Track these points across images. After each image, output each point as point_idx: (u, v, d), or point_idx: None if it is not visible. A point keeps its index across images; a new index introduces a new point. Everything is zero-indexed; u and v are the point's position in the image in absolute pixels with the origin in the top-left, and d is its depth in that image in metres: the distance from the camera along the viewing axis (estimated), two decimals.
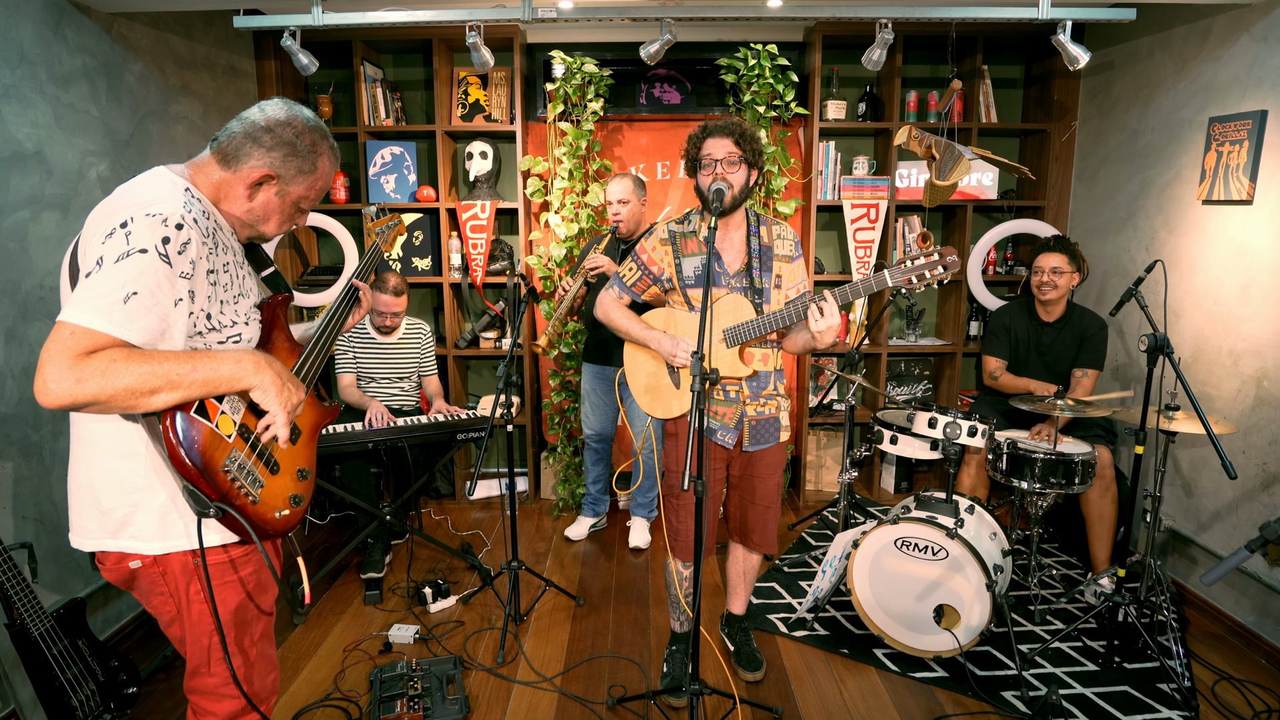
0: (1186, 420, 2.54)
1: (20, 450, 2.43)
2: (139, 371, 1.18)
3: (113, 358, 1.17)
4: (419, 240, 4.06)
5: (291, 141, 1.43)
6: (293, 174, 1.45)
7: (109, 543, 1.38)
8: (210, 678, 1.49)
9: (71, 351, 1.15)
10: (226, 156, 1.40)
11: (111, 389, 1.16)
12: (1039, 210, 4.06)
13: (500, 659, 2.69)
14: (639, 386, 2.47)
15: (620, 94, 4.03)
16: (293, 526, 1.47)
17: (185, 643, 1.47)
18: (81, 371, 1.14)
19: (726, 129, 2.24)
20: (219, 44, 3.53)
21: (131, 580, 1.44)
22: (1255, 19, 2.83)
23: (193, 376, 1.24)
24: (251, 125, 1.41)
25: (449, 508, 4.15)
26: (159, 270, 1.23)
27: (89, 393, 1.15)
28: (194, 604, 1.43)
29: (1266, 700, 2.48)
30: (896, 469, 4.26)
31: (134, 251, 1.21)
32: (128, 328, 1.19)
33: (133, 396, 1.19)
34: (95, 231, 1.26)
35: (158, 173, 1.38)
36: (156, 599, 1.45)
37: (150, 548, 1.38)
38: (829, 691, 2.52)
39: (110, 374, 1.16)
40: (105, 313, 1.17)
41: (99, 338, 1.17)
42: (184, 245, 1.26)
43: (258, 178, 1.42)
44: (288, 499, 1.45)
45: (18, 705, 2.10)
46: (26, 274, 2.45)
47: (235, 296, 1.42)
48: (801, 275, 2.37)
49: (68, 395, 1.14)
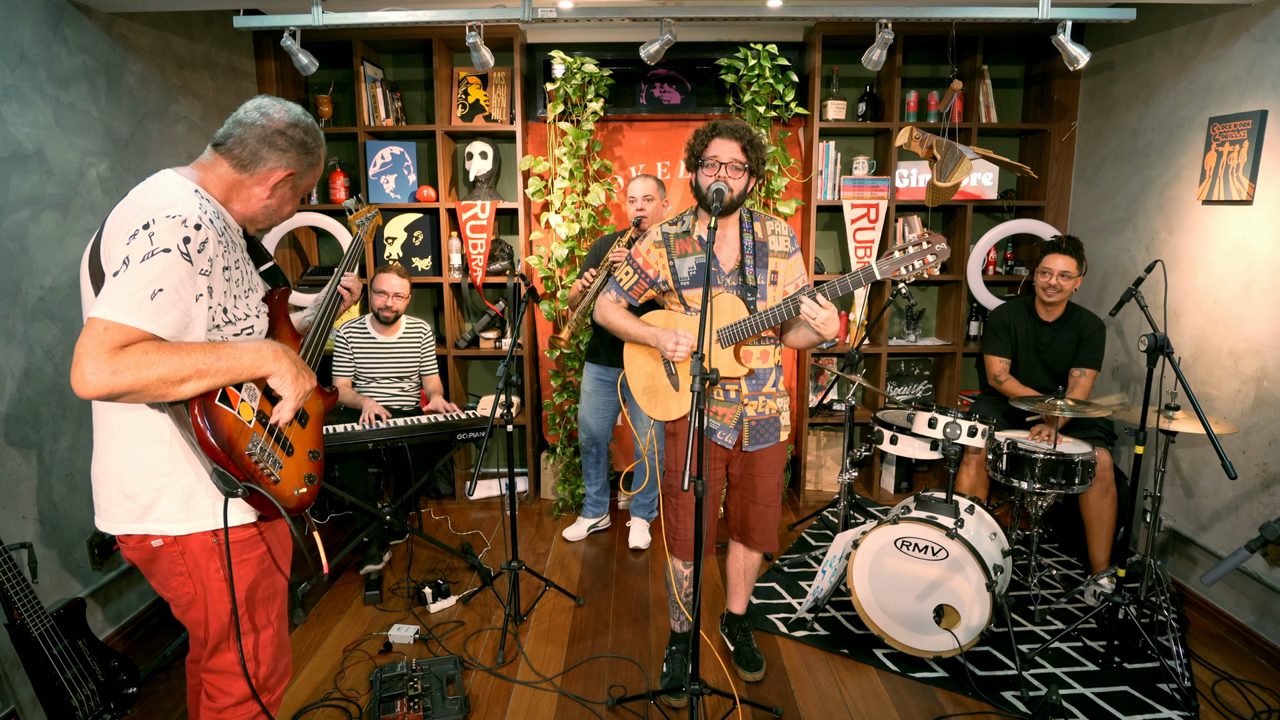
0: (1186, 420, 2.54)
1: (20, 450, 2.43)
2: (170, 362, 1.27)
3: (145, 350, 1.26)
4: (419, 240, 4.06)
5: (303, 141, 1.54)
6: (304, 168, 1.57)
7: (135, 526, 1.46)
8: (231, 653, 1.57)
9: (106, 345, 1.23)
10: (243, 162, 1.49)
11: (146, 379, 1.25)
12: (1039, 210, 4.06)
13: (500, 659, 2.69)
14: (638, 388, 2.47)
15: (620, 94, 4.03)
16: (309, 503, 1.59)
17: (204, 623, 1.54)
18: (117, 364, 1.23)
19: (736, 133, 2.21)
20: (219, 44, 3.53)
21: (152, 560, 1.51)
22: (1255, 19, 2.83)
23: (218, 365, 1.34)
24: (263, 130, 1.50)
25: (449, 508, 4.15)
26: (181, 268, 1.31)
27: (125, 383, 1.24)
28: (214, 582, 1.51)
29: (1266, 700, 2.48)
30: (896, 469, 4.26)
31: (158, 251, 1.30)
32: (156, 322, 1.28)
33: (164, 385, 1.28)
34: (118, 233, 1.34)
35: (168, 175, 1.46)
36: (175, 580, 1.51)
37: (175, 529, 1.46)
38: (829, 691, 2.52)
39: (144, 365, 1.25)
40: (135, 309, 1.26)
41: (130, 332, 1.25)
42: (203, 244, 1.35)
43: (280, 178, 1.53)
44: (303, 478, 1.57)
45: (18, 705, 2.10)
46: (26, 274, 2.45)
47: (246, 291, 1.51)
48: (799, 270, 2.35)
49: (105, 386, 1.23)
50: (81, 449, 2.65)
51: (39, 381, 2.49)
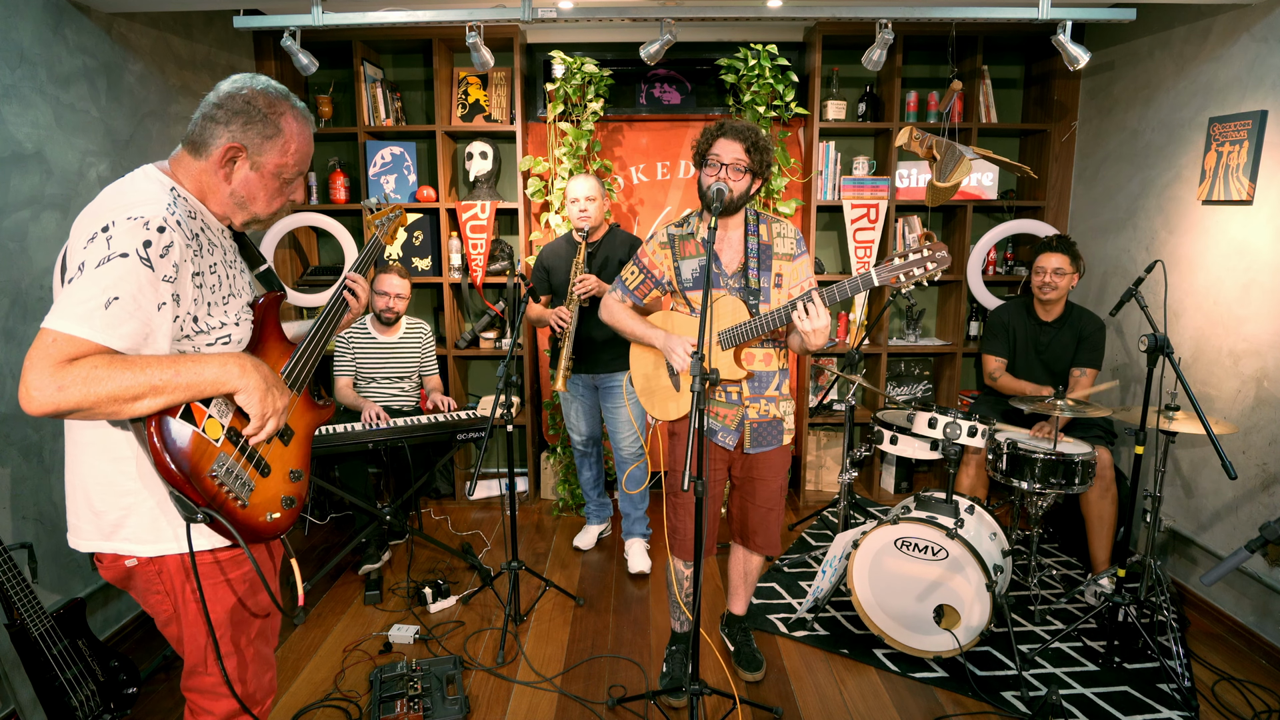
0: (1186, 420, 2.54)
1: (20, 450, 2.43)
2: (121, 378, 1.17)
3: (94, 364, 1.15)
4: (419, 240, 4.06)
5: (243, 110, 1.37)
6: (258, 141, 1.39)
7: (104, 544, 1.38)
8: (207, 677, 1.49)
9: (53, 359, 1.14)
10: (195, 146, 1.38)
11: (94, 396, 1.15)
12: (1039, 210, 4.06)
13: (500, 659, 2.69)
14: (640, 388, 2.48)
15: (620, 94, 4.02)
16: (284, 529, 1.45)
17: (182, 642, 1.47)
18: (63, 379, 1.13)
19: (741, 134, 2.20)
20: (219, 44, 3.53)
21: (128, 579, 1.44)
22: (1255, 19, 2.83)
23: (176, 381, 1.22)
24: (206, 105, 1.38)
25: (449, 508, 4.15)
26: (140, 274, 1.21)
27: (71, 400, 1.14)
28: (190, 603, 1.42)
29: (1266, 700, 2.48)
30: (896, 469, 4.26)
31: (115, 256, 1.19)
32: (109, 333, 1.18)
33: (116, 403, 1.17)
34: (79, 236, 1.24)
35: (146, 172, 1.37)
36: (153, 598, 1.45)
37: (144, 549, 1.38)
38: (829, 691, 2.52)
39: (92, 381, 1.14)
40: (86, 319, 1.16)
41: (81, 344, 1.15)
42: (166, 249, 1.24)
43: (223, 152, 1.37)
44: (279, 501, 1.44)
45: (18, 705, 2.10)
46: (26, 274, 2.45)
47: (225, 297, 1.40)
48: (805, 273, 2.33)
49: (50, 403, 1.14)
50: None
51: None
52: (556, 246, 3.33)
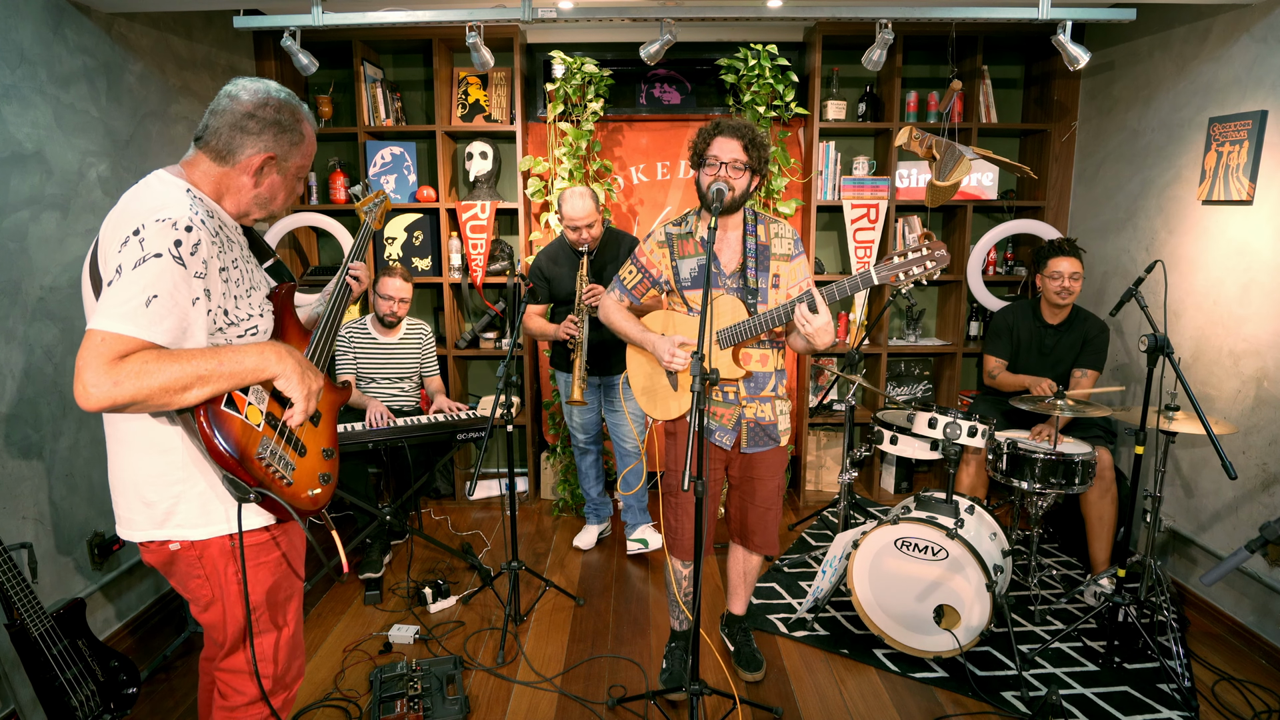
0: (1186, 420, 2.54)
1: (20, 450, 2.42)
2: (170, 370, 1.25)
3: (144, 359, 1.23)
4: (419, 240, 4.06)
5: (276, 120, 1.47)
6: (287, 148, 1.50)
7: (156, 533, 1.46)
8: (246, 653, 1.57)
9: (105, 357, 1.21)
10: (220, 153, 1.45)
11: (147, 389, 1.23)
12: (1039, 210, 4.06)
13: (500, 659, 2.69)
14: (638, 388, 2.48)
15: (620, 94, 4.02)
16: (324, 503, 1.56)
17: (224, 624, 1.55)
18: (117, 375, 1.21)
19: (738, 132, 2.20)
20: (219, 44, 3.53)
21: (170, 563, 1.51)
22: (1255, 19, 2.83)
23: (220, 370, 1.31)
24: (233, 116, 1.44)
25: (449, 508, 4.15)
26: (175, 272, 1.29)
27: (126, 394, 1.22)
28: (232, 585, 1.51)
29: (1266, 700, 2.48)
30: (896, 469, 4.26)
31: (149, 257, 1.27)
32: (152, 329, 1.26)
33: (167, 394, 1.25)
34: (111, 241, 1.32)
35: (160, 176, 1.43)
36: (193, 582, 1.52)
37: (193, 533, 1.46)
38: (829, 691, 2.52)
39: (144, 375, 1.22)
40: (130, 317, 1.24)
41: (128, 341, 1.23)
42: (195, 246, 1.32)
43: (260, 163, 1.46)
44: (318, 477, 1.55)
45: (18, 705, 2.10)
46: (26, 274, 2.45)
47: (247, 290, 1.48)
48: (803, 273, 2.34)
49: (107, 398, 1.21)
50: (81, 449, 2.65)
51: (39, 382, 2.49)
52: (554, 253, 3.29)
